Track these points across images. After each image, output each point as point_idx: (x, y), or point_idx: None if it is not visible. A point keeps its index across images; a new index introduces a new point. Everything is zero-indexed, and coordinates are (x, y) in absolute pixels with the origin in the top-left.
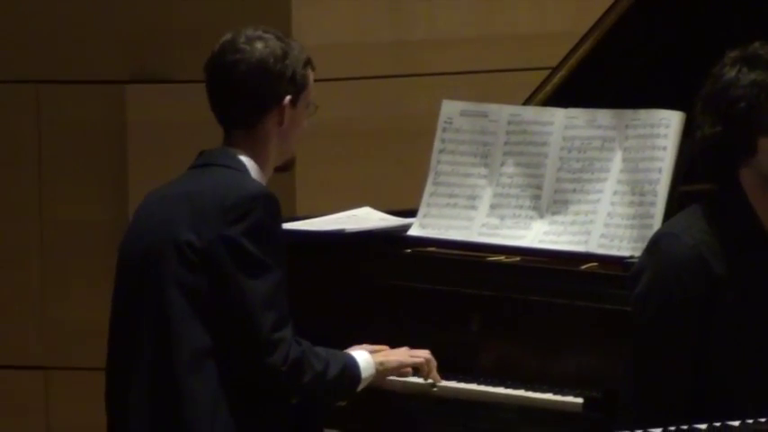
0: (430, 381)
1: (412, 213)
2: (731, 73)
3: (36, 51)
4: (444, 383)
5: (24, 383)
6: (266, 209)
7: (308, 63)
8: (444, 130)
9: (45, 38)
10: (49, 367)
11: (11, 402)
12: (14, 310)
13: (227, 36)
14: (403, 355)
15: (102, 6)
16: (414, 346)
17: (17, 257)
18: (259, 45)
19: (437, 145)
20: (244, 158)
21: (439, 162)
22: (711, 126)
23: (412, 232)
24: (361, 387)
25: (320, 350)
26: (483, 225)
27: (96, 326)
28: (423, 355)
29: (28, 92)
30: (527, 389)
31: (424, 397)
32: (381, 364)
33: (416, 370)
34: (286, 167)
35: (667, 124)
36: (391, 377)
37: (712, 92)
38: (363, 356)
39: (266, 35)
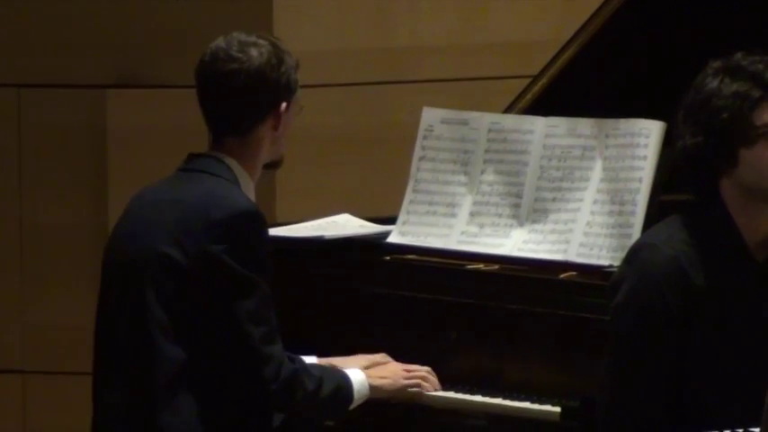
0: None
1: (391, 220)
2: (713, 83)
3: (17, 55)
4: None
5: (3, 387)
6: (251, 226)
7: (297, 67)
8: (425, 137)
9: (26, 42)
10: (28, 371)
11: None
12: None
13: (219, 42)
14: (398, 376)
15: (83, 11)
16: (392, 352)
17: None
18: (254, 53)
19: (417, 152)
20: (232, 164)
21: (419, 169)
22: (693, 136)
23: (391, 239)
24: (352, 407)
25: (314, 368)
26: (462, 233)
27: (76, 331)
28: (419, 374)
29: (9, 96)
30: (505, 397)
31: (398, 404)
32: (376, 387)
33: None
34: (275, 165)
35: (647, 134)
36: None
37: (694, 102)
38: (358, 376)
39: (260, 41)
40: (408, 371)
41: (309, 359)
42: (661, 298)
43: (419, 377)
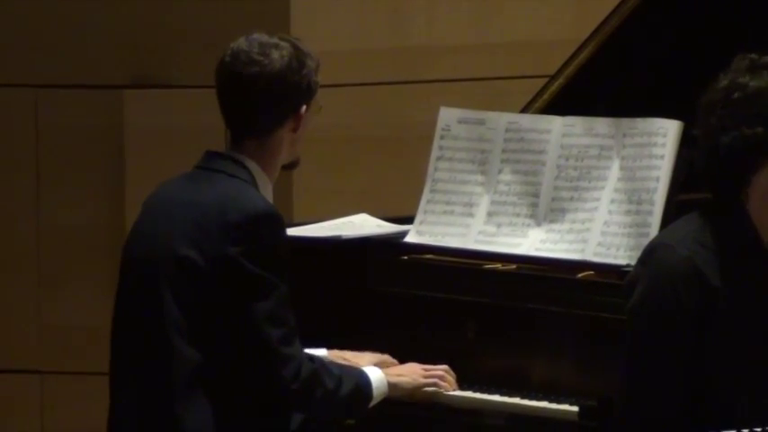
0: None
1: (409, 220)
2: (761, 79)
3: (35, 56)
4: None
5: (21, 387)
6: (269, 229)
7: (318, 69)
8: (442, 137)
9: (44, 42)
10: (46, 371)
11: (7, 406)
12: (11, 314)
13: (241, 44)
14: (417, 374)
15: (100, 11)
16: (409, 352)
17: (14, 261)
18: (275, 55)
19: (434, 152)
20: (252, 166)
21: (436, 169)
22: (749, 127)
23: (408, 239)
24: (371, 405)
25: (334, 367)
26: (480, 232)
27: (92, 330)
28: (436, 374)
29: (26, 96)
30: (522, 397)
31: (416, 403)
32: (394, 385)
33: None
34: (292, 166)
35: (665, 133)
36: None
37: (738, 96)
38: (377, 374)
39: (281, 43)
40: (426, 369)
41: (320, 351)
42: (676, 298)
43: (437, 376)
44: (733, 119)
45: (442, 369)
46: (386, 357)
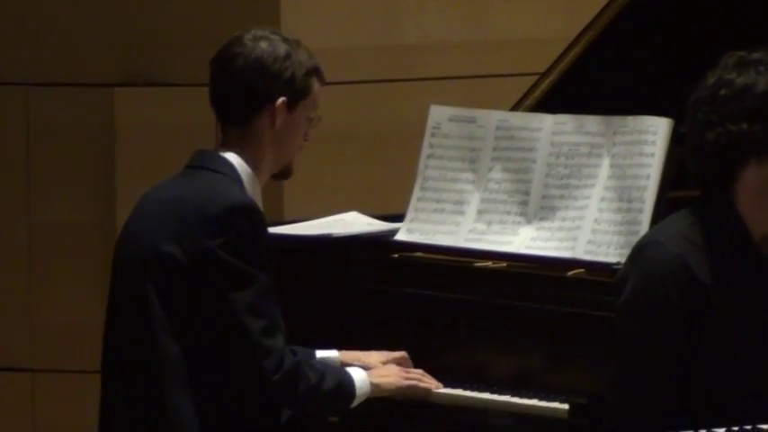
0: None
1: (399, 218)
2: (747, 75)
3: (25, 54)
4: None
5: (12, 385)
6: (247, 221)
7: (314, 72)
8: (432, 135)
9: (34, 41)
10: (37, 370)
11: None
12: (2, 312)
13: (237, 33)
14: (397, 377)
15: (91, 10)
16: (399, 350)
17: (5, 260)
18: (263, 44)
19: (425, 150)
20: (236, 161)
21: (427, 167)
22: (734, 124)
23: (399, 237)
24: (354, 404)
25: (316, 363)
26: (470, 230)
27: (83, 329)
28: (415, 377)
29: (17, 94)
30: (513, 395)
31: (407, 401)
32: (377, 386)
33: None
34: (283, 175)
35: (655, 131)
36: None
37: (725, 93)
38: (359, 375)
39: (273, 36)
40: (406, 371)
41: (331, 353)
42: (666, 295)
43: (415, 378)
44: (719, 115)
45: (418, 373)
46: (397, 355)
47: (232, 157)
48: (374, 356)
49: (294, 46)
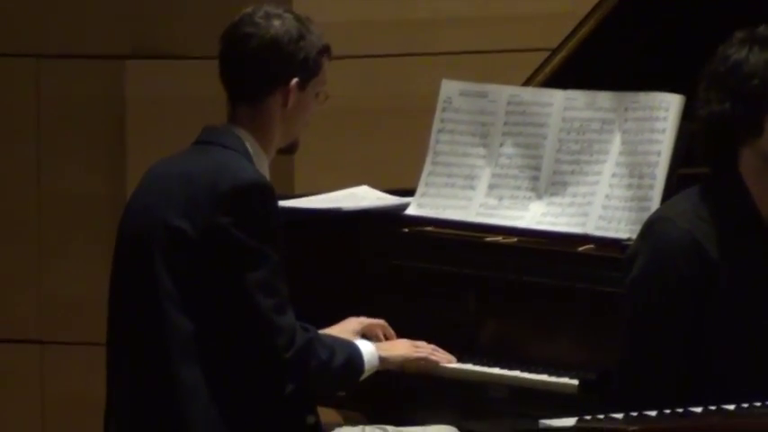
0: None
1: (410, 192)
2: (742, 52)
3: (36, 25)
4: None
5: (21, 357)
6: (259, 198)
7: (325, 51)
8: (444, 109)
9: (46, 12)
10: (46, 341)
11: (7, 375)
12: (11, 284)
13: (248, 9)
14: (407, 348)
15: None
16: (409, 324)
17: (15, 231)
18: (276, 23)
19: (436, 125)
20: (246, 137)
21: (438, 142)
22: (719, 103)
23: (410, 211)
24: (363, 378)
25: (326, 338)
26: (481, 205)
27: (92, 300)
28: (425, 348)
29: (28, 66)
30: (522, 370)
31: (417, 376)
32: (385, 359)
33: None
34: (289, 150)
35: (667, 107)
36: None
37: (720, 70)
38: (367, 348)
39: (285, 14)
40: (415, 345)
41: None
42: (675, 271)
43: (427, 352)
44: (715, 92)
45: (430, 347)
46: (375, 321)
47: (242, 133)
48: (351, 323)
49: (306, 24)
